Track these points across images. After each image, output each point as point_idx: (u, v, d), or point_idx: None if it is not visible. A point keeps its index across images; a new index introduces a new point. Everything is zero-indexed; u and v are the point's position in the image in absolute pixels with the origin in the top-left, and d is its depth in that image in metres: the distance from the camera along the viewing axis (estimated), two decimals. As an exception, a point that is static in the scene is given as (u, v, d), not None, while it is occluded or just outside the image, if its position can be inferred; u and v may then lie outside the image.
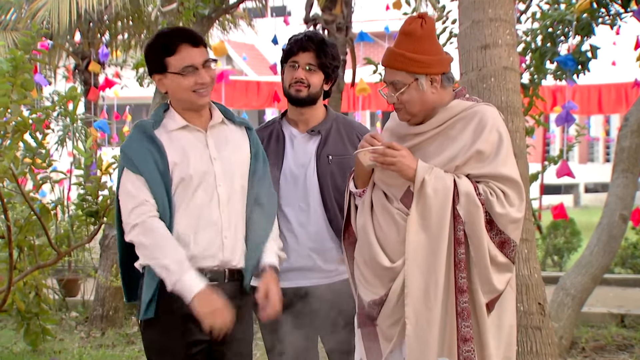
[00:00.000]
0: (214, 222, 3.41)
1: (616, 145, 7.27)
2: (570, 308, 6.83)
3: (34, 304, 6.67)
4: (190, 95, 3.40)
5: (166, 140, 3.41)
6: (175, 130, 3.44)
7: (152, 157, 3.35)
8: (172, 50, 3.36)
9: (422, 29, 3.33)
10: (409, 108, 3.37)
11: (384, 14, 13.02)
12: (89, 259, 9.66)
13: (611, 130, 28.99)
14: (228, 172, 3.47)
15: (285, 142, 3.96)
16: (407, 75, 3.33)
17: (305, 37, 3.92)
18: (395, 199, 3.38)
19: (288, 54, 3.93)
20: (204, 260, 3.39)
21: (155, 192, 3.33)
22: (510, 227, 3.31)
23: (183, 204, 3.39)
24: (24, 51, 4.66)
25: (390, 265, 3.35)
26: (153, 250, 3.31)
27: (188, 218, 3.39)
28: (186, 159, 3.40)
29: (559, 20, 7.46)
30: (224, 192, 3.45)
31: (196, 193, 3.40)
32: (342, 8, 8.32)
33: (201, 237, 3.39)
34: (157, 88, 3.48)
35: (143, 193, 3.34)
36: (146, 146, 3.37)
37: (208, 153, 3.46)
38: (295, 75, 3.89)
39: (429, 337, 3.29)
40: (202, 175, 3.41)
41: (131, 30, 14.14)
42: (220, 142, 3.51)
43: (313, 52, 3.88)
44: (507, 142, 3.36)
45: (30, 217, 5.11)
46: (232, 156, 3.51)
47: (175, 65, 3.37)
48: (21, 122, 4.56)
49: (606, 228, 7.02)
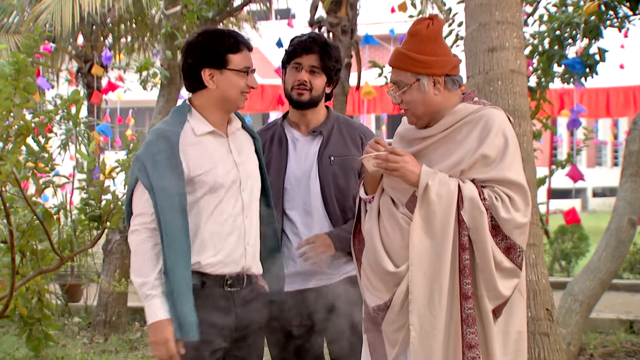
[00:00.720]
0: (238, 228, 3.43)
1: (624, 149, 7.21)
2: (578, 314, 6.76)
3: (36, 310, 6.62)
4: (239, 96, 3.44)
5: (193, 146, 3.40)
6: (202, 135, 3.43)
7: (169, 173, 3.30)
8: (237, 48, 3.41)
9: (427, 30, 3.32)
10: (412, 109, 3.37)
11: (389, 17, 12.99)
12: (92, 264, 9.64)
13: (619, 134, 28.98)
14: (249, 177, 3.50)
15: (288, 145, 3.93)
16: (409, 75, 3.32)
17: (309, 39, 3.87)
18: (401, 204, 3.37)
19: (291, 56, 3.88)
20: (226, 267, 3.41)
21: (165, 208, 3.29)
22: (516, 233, 3.29)
23: (210, 211, 3.39)
24: (26, 54, 4.68)
25: (395, 270, 3.33)
26: (135, 263, 3.34)
27: (215, 225, 3.39)
28: (214, 166, 3.40)
29: (567, 22, 7.41)
30: (247, 198, 3.47)
31: (224, 199, 3.41)
32: (347, 10, 8.28)
33: (226, 244, 3.40)
34: (205, 82, 3.41)
35: (147, 207, 3.33)
36: (165, 160, 3.32)
37: (232, 158, 3.47)
38: (299, 77, 3.84)
39: (434, 344, 3.26)
40: (230, 182, 3.42)
41: (134, 33, 14.15)
42: (239, 147, 3.53)
43: (317, 54, 3.84)
44: (514, 146, 3.33)
45: (33, 221, 5.11)
46: (249, 162, 3.54)
47: (237, 63, 3.40)
48: (24, 125, 4.59)
49: (614, 233, 6.96)
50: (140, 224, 3.33)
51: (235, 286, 3.43)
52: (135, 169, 3.36)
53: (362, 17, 9.04)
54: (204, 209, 3.38)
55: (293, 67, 3.87)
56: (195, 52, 3.43)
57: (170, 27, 8.18)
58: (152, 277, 3.29)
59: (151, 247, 3.31)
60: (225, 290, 3.41)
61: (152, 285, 3.29)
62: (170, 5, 8.31)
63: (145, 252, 3.31)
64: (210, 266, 3.38)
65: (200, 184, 3.37)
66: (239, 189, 3.44)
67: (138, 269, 3.32)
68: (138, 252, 3.33)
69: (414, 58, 3.31)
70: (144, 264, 3.31)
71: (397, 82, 3.36)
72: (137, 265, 3.32)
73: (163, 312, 3.28)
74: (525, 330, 3.43)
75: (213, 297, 3.39)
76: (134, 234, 3.34)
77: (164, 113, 8.37)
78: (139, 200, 3.34)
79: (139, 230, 3.33)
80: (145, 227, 3.32)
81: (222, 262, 3.39)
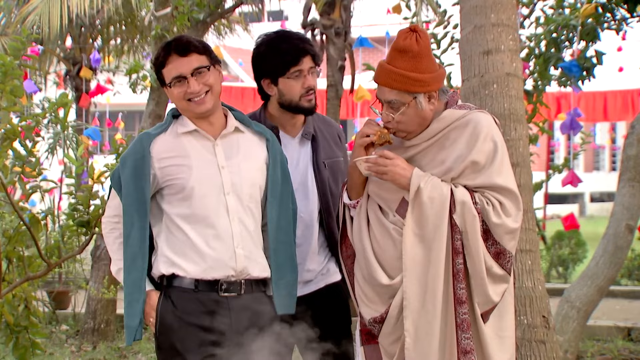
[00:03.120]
0: (224, 231, 3.40)
1: (622, 154, 7.19)
2: (575, 321, 6.71)
3: (23, 317, 6.52)
4: (185, 104, 3.44)
5: (169, 148, 3.43)
6: (183, 134, 3.46)
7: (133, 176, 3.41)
8: (163, 63, 3.44)
9: (418, 45, 3.27)
10: (405, 127, 3.34)
11: (384, 19, 12.95)
12: (80, 271, 9.69)
13: (617, 138, 29.09)
14: (237, 180, 3.45)
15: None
16: (405, 95, 3.28)
17: (299, 39, 3.67)
18: (391, 212, 3.36)
19: (287, 65, 3.64)
20: (215, 271, 3.39)
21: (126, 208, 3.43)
22: (506, 238, 3.30)
23: (188, 214, 3.40)
24: (13, 57, 4.64)
25: (389, 282, 3.34)
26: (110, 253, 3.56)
27: (198, 227, 3.39)
28: (188, 168, 3.41)
29: (564, 25, 7.41)
30: (232, 201, 3.42)
31: (202, 202, 3.39)
32: (341, 12, 8.22)
33: (213, 247, 3.39)
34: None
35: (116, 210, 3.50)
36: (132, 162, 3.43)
37: (215, 161, 3.44)
38: (307, 84, 3.66)
39: (429, 350, 3.26)
40: (207, 184, 3.40)
41: (124, 35, 14.11)
42: (230, 149, 3.49)
43: (309, 53, 3.67)
44: (503, 151, 3.33)
45: (20, 227, 5.07)
46: (242, 164, 3.48)
47: (167, 77, 3.44)
48: (10, 129, 4.54)
49: (612, 238, 6.92)
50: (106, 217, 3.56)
51: (231, 291, 3.41)
52: (114, 170, 3.54)
53: (356, 19, 8.98)
54: (180, 212, 3.40)
55: (294, 76, 3.65)
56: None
57: (161, 29, 8.13)
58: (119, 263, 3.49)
59: (117, 237, 3.49)
60: (220, 295, 3.40)
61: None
62: (161, 6, 8.26)
63: (113, 242, 3.50)
64: (198, 272, 3.38)
65: (172, 188, 3.40)
66: (221, 193, 3.41)
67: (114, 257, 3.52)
68: (107, 243, 3.55)
69: (411, 77, 3.26)
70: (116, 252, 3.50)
71: (391, 102, 3.30)
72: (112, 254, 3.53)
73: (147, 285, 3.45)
74: (514, 336, 3.44)
75: (204, 301, 3.39)
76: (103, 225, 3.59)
77: (154, 116, 8.34)
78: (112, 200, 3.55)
79: (104, 222, 3.57)
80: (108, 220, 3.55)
81: (211, 267, 3.39)
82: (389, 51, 3.35)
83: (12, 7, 13.20)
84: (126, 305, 3.41)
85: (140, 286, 3.40)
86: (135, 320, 3.39)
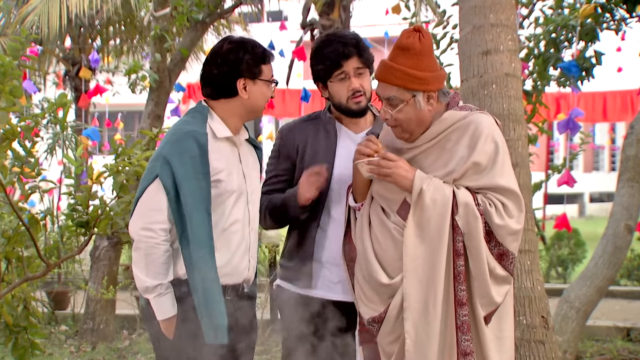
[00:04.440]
0: (245, 240, 3.45)
1: (621, 154, 7.18)
2: (574, 321, 6.72)
3: (22, 318, 6.52)
4: (264, 105, 3.52)
5: (212, 149, 3.38)
6: (221, 139, 3.44)
7: (197, 173, 3.30)
8: (268, 59, 3.47)
9: (420, 44, 3.28)
10: (405, 126, 3.34)
11: (383, 19, 12.92)
12: (79, 271, 9.66)
13: (617, 139, 29.08)
14: (254, 190, 3.51)
15: (336, 140, 3.75)
16: (404, 92, 3.28)
17: (340, 43, 3.66)
18: (392, 213, 3.35)
19: (332, 68, 3.66)
20: (230, 278, 3.42)
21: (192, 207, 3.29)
22: (509, 239, 3.29)
23: (222, 220, 3.39)
24: (12, 57, 4.63)
25: (389, 282, 3.33)
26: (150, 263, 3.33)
27: (225, 235, 3.39)
28: (230, 172, 3.40)
29: (563, 25, 7.39)
30: (253, 210, 3.49)
31: (233, 210, 3.41)
32: (340, 13, 8.21)
33: (235, 255, 3.42)
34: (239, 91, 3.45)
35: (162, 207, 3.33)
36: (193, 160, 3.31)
37: (242, 168, 3.48)
38: (352, 86, 3.66)
39: (429, 352, 3.25)
40: (240, 191, 3.43)
41: (123, 35, 14.11)
42: (246, 158, 3.53)
43: (355, 54, 3.66)
44: (504, 152, 3.33)
45: (19, 227, 5.05)
46: (254, 173, 3.53)
47: (267, 73, 3.46)
48: (9, 130, 4.52)
49: (611, 239, 6.92)
50: (155, 223, 3.31)
51: (231, 294, 3.45)
52: (156, 165, 3.33)
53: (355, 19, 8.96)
54: (217, 214, 3.37)
55: (338, 79, 3.67)
56: (230, 61, 3.42)
57: (160, 29, 8.13)
58: (167, 279, 3.33)
59: (167, 249, 3.32)
60: (225, 299, 3.41)
61: (166, 286, 3.34)
62: (160, 7, 8.25)
63: (163, 254, 3.31)
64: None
65: (218, 188, 3.36)
66: (246, 201, 3.45)
67: (154, 271, 3.32)
68: (154, 253, 3.31)
69: (411, 74, 3.26)
70: (161, 265, 3.32)
71: (390, 99, 3.30)
72: (153, 267, 3.32)
73: (174, 309, 3.35)
74: (513, 336, 3.44)
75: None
76: (149, 232, 3.30)
77: (153, 117, 8.33)
78: (153, 198, 3.32)
79: (154, 230, 3.30)
80: (161, 227, 3.31)
81: (228, 274, 3.41)
82: (392, 49, 3.36)
83: (11, 8, 13.20)
84: (206, 305, 3.29)
85: (219, 285, 3.31)
86: (224, 319, 3.30)
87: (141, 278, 3.34)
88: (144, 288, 3.35)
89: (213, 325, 3.29)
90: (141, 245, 3.32)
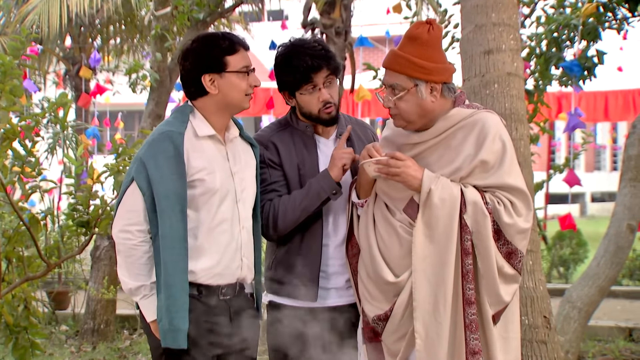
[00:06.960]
0: (235, 239, 3.40)
1: (623, 154, 7.17)
2: (576, 321, 6.71)
3: (22, 318, 6.51)
4: (242, 98, 3.40)
5: (193, 148, 3.35)
6: (203, 138, 3.39)
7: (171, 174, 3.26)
8: (234, 49, 3.36)
9: (428, 35, 3.29)
10: (405, 115, 3.34)
11: (384, 18, 12.92)
12: (80, 271, 9.65)
13: (618, 138, 29.07)
14: (245, 188, 3.45)
15: (317, 150, 3.71)
16: (407, 80, 3.29)
17: (310, 55, 3.57)
18: (398, 211, 3.35)
19: (301, 81, 3.58)
20: (222, 278, 3.39)
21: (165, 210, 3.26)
22: (518, 238, 3.29)
23: (208, 220, 3.34)
24: (12, 56, 4.62)
25: (395, 280, 3.33)
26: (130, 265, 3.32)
27: (212, 235, 3.35)
28: (213, 171, 3.35)
29: (565, 24, 7.37)
30: (242, 209, 3.43)
31: (220, 209, 3.36)
32: (341, 12, 8.16)
33: (225, 255, 3.37)
34: (207, 88, 3.37)
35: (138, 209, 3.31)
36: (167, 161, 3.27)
37: (229, 166, 3.42)
38: (322, 98, 3.60)
39: (439, 351, 3.25)
40: (225, 190, 3.38)
41: (123, 34, 14.10)
42: (236, 156, 3.48)
43: (325, 66, 3.58)
44: (511, 151, 3.33)
45: (19, 227, 5.05)
46: (246, 171, 3.47)
47: (236, 64, 3.36)
48: (10, 129, 4.52)
49: (613, 238, 6.92)
50: (132, 225, 3.30)
51: (228, 294, 3.42)
52: (132, 168, 3.32)
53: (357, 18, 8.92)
54: (202, 214, 3.33)
55: (308, 92, 3.60)
56: (193, 59, 3.37)
57: (160, 28, 8.12)
58: (150, 280, 3.31)
59: (147, 250, 3.30)
60: (220, 299, 3.40)
61: (150, 287, 3.31)
62: (160, 6, 8.25)
63: (142, 255, 3.30)
64: (207, 277, 3.35)
65: (200, 187, 3.32)
66: (234, 200, 3.40)
67: (135, 273, 3.31)
68: (133, 255, 3.30)
69: (415, 62, 3.27)
70: (142, 267, 3.30)
71: (393, 86, 3.32)
72: (134, 269, 3.31)
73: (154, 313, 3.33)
74: (519, 338, 3.44)
75: (209, 306, 3.37)
76: (127, 234, 3.30)
77: (154, 116, 8.32)
78: (130, 200, 3.31)
79: (131, 232, 3.29)
80: (138, 229, 3.30)
81: (220, 274, 3.37)
82: (401, 39, 3.37)
83: (11, 7, 13.19)
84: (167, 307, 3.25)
85: (186, 288, 3.27)
86: (185, 323, 3.25)
87: (124, 280, 3.33)
88: (128, 290, 3.34)
89: (172, 328, 3.24)
90: (121, 248, 3.32)
